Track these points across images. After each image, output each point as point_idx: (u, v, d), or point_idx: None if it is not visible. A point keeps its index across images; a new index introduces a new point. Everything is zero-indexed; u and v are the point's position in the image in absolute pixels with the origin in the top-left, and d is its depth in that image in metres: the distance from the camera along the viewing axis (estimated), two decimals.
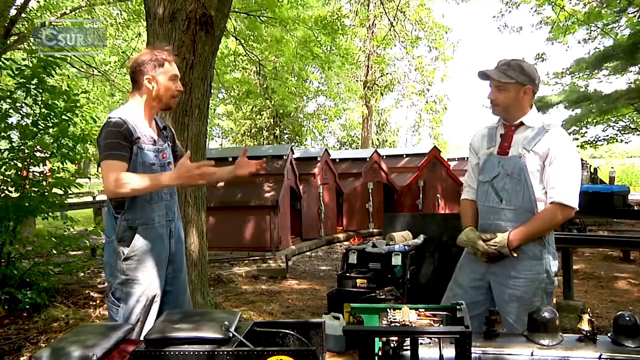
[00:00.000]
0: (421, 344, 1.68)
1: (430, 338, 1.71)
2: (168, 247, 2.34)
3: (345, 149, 25.41)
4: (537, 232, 2.24)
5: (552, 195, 2.21)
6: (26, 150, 4.64)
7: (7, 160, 4.57)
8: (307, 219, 9.41)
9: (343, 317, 3.67)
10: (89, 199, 15.09)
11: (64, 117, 4.74)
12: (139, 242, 2.21)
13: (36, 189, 4.71)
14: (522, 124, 2.33)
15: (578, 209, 2.26)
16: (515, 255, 2.24)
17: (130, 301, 2.21)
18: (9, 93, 4.65)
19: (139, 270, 2.22)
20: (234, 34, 11.23)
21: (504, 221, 2.30)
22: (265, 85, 15.58)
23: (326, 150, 10.55)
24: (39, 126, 4.67)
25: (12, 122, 4.69)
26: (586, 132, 15.44)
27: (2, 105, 4.66)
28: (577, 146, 15.13)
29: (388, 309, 1.83)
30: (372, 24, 20.31)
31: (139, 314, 2.21)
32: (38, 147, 4.74)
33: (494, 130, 2.45)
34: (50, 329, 3.94)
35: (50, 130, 4.76)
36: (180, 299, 2.45)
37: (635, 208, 4.65)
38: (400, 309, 1.81)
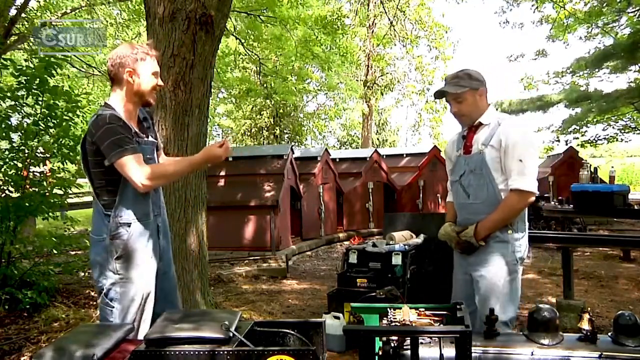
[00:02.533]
0: (421, 343, 1.68)
1: (431, 338, 1.72)
2: (158, 244, 2.30)
3: (345, 148, 25.36)
4: (501, 221, 2.40)
5: (510, 183, 2.38)
6: (26, 151, 4.65)
7: (7, 160, 4.57)
8: (307, 219, 9.40)
9: (343, 316, 3.67)
10: (89, 199, 15.10)
11: (65, 117, 4.74)
12: (132, 239, 2.16)
13: (36, 189, 4.71)
14: (480, 123, 2.51)
15: (538, 192, 2.44)
16: (483, 244, 2.41)
17: (124, 301, 2.16)
18: (9, 93, 4.65)
19: (132, 268, 2.17)
20: (234, 33, 11.22)
21: (473, 215, 2.48)
22: (265, 85, 15.57)
23: (326, 149, 10.53)
24: (40, 126, 4.67)
25: (12, 123, 4.69)
26: (586, 131, 15.44)
27: (2, 105, 4.66)
28: (578, 145, 15.11)
29: (388, 309, 1.84)
30: (372, 24, 20.29)
31: (134, 314, 2.17)
32: (39, 147, 4.74)
33: (461, 134, 2.65)
34: (51, 328, 3.94)
35: (51, 131, 4.77)
36: (171, 296, 2.42)
37: (636, 207, 4.63)
38: (400, 308, 1.81)
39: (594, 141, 15.60)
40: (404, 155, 13.00)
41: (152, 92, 2.30)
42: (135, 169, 2.09)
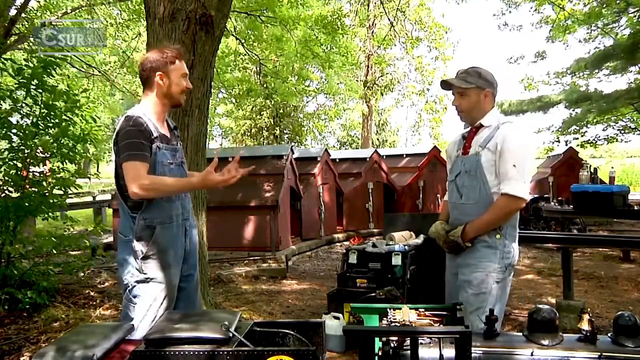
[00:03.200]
0: (421, 344, 1.68)
1: (430, 338, 1.71)
2: (184, 246, 2.36)
3: (345, 149, 25.38)
4: (490, 224, 2.39)
5: (502, 187, 2.37)
6: (26, 151, 4.64)
7: (7, 160, 4.57)
8: (307, 219, 9.40)
9: (343, 317, 3.67)
10: (89, 199, 15.10)
11: (64, 117, 4.73)
12: (157, 241, 2.22)
13: (36, 189, 4.71)
14: (481, 125, 2.50)
15: (528, 199, 2.43)
16: (469, 245, 2.40)
17: (147, 299, 2.23)
18: (9, 93, 4.64)
19: (157, 268, 2.23)
20: (234, 34, 11.22)
21: (464, 215, 2.47)
22: (265, 85, 15.57)
23: (326, 150, 10.53)
24: (39, 126, 4.66)
25: (12, 123, 4.69)
26: (586, 131, 15.44)
27: (2, 105, 4.66)
28: (578, 145, 15.11)
29: (388, 309, 1.84)
30: (372, 24, 20.30)
31: (155, 312, 2.23)
32: (38, 147, 4.73)
33: (462, 135, 2.64)
34: (51, 329, 3.94)
35: (51, 131, 4.76)
36: (193, 296, 2.48)
37: (636, 208, 4.64)
38: (400, 309, 1.81)
39: (593, 142, 15.60)
40: (404, 156, 13.01)
41: (182, 94, 2.38)
42: (133, 176, 2.12)
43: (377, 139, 27.19)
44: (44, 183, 4.81)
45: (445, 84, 2.56)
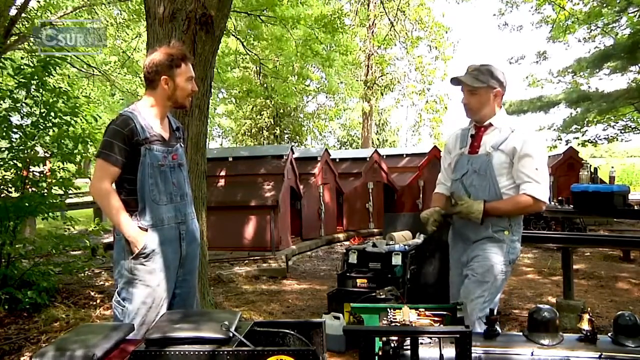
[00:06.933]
0: (421, 343, 1.68)
1: (431, 338, 1.71)
2: (179, 250, 2.31)
3: (346, 148, 25.38)
4: (507, 212, 2.42)
5: (525, 188, 2.37)
6: (26, 151, 4.64)
7: (7, 160, 4.57)
8: (307, 219, 9.40)
9: (343, 317, 3.67)
10: (89, 199, 15.08)
11: (64, 117, 4.73)
12: (147, 243, 2.19)
13: (35, 190, 4.70)
14: (490, 125, 2.50)
15: (548, 202, 2.49)
16: (478, 221, 2.39)
17: (135, 302, 2.18)
18: (9, 93, 4.64)
19: (146, 271, 2.19)
20: (234, 33, 11.22)
21: None
22: (265, 85, 15.57)
23: (326, 150, 10.53)
24: (39, 126, 4.66)
25: (12, 123, 4.69)
26: (587, 130, 15.43)
27: (1, 105, 4.66)
28: (578, 144, 15.12)
29: (388, 309, 1.84)
30: (372, 24, 20.29)
31: (143, 316, 2.18)
32: (37, 145, 4.73)
33: (467, 132, 2.62)
34: (51, 329, 3.95)
35: (50, 132, 4.76)
36: (189, 301, 2.43)
37: (636, 208, 4.64)
38: (400, 308, 1.81)
39: (594, 141, 15.60)
40: (404, 156, 13.01)
41: (188, 98, 2.37)
42: (97, 175, 2.20)
43: (377, 139, 27.17)
44: (44, 184, 4.81)
45: (456, 81, 2.52)
